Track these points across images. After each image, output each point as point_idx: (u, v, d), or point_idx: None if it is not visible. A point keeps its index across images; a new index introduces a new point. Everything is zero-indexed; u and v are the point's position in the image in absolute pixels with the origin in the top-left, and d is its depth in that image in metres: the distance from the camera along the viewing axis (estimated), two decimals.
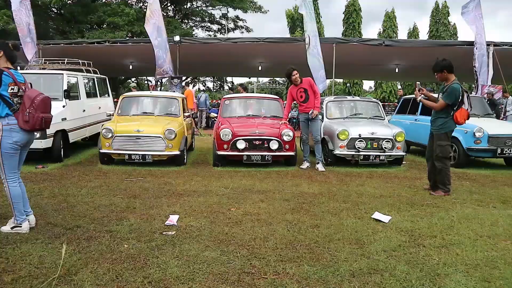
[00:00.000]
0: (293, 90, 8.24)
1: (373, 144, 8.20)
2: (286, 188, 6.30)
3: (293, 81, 8.12)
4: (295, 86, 8.19)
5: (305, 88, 8.09)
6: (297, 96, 8.17)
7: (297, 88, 8.16)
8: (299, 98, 8.17)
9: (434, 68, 6.09)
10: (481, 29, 14.13)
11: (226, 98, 9.16)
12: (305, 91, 8.08)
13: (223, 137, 7.79)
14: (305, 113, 8.18)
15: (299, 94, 8.15)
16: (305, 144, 8.41)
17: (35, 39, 16.25)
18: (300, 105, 8.25)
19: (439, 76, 6.09)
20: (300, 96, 8.14)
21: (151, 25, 15.27)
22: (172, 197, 5.61)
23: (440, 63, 6.02)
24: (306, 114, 8.16)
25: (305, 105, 8.13)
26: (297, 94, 8.16)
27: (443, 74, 6.01)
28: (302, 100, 8.14)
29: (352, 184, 6.69)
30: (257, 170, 7.70)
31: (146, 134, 7.74)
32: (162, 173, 7.28)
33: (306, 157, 8.32)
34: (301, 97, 8.14)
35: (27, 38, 16.15)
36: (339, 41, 15.85)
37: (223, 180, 6.77)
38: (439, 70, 6.02)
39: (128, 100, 8.92)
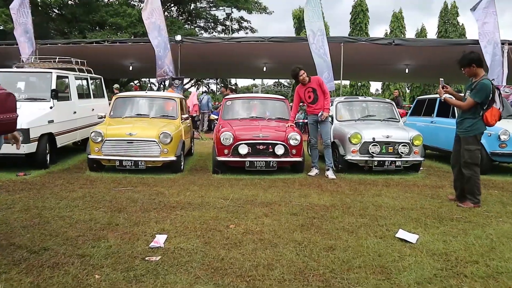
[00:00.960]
0: (301, 90, 7.50)
1: (388, 149, 7.45)
2: (294, 199, 5.56)
3: (300, 81, 7.40)
4: (303, 86, 7.46)
5: (313, 87, 7.36)
6: (305, 96, 7.44)
7: (304, 88, 7.43)
8: (307, 99, 7.44)
9: (460, 62, 5.32)
10: (495, 27, 13.31)
11: (227, 98, 8.44)
12: (314, 91, 7.36)
13: (223, 141, 7.07)
14: (313, 115, 7.45)
15: (307, 94, 7.41)
16: (314, 149, 7.67)
17: (33, 39, 15.68)
18: (308, 106, 7.51)
19: (466, 71, 5.31)
20: (308, 97, 7.41)
21: (151, 24, 14.66)
22: (162, 210, 4.88)
23: (468, 55, 5.24)
24: (315, 116, 7.43)
25: (314, 106, 7.40)
26: (305, 94, 7.43)
27: (471, 68, 5.23)
28: (311, 100, 7.41)
29: (368, 194, 5.94)
30: (261, 178, 6.96)
31: (139, 138, 7.03)
32: (155, 182, 6.56)
33: (315, 163, 7.58)
34: (309, 97, 7.41)
35: (21, 38, 15.59)
36: (347, 40, 15.12)
37: (222, 190, 6.03)
38: (467, 64, 5.24)
39: (121, 101, 8.23)
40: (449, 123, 8.86)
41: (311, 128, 7.66)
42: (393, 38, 15.17)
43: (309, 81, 7.37)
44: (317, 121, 7.44)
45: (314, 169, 7.52)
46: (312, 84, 7.38)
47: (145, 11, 14.48)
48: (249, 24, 30.62)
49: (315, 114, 7.41)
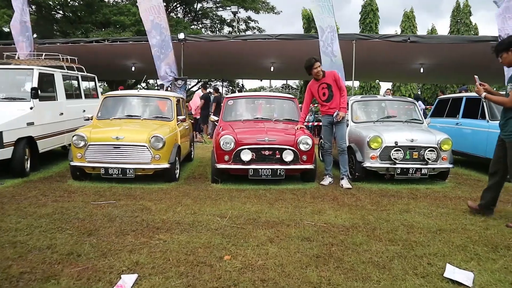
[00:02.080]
0: (314, 86, 6.43)
1: (412, 154, 6.38)
2: (305, 216, 4.53)
3: (314, 74, 6.31)
4: (316, 81, 6.39)
5: (328, 83, 6.31)
6: (319, 93, 6.38)
7: (318, 84, 6.37)
8: (321, 96, 6.38)
9: (497, 47, 4.44)
10: None
11: (229, 97, 7.43)
12: (329, 87, 6.31)
13: (223, 146, 6.07)
14: (328, 116, 6.41)
15: (321, 91, 6.36)
16: (328, 154, 6.65)
17: (32, 38, 14.87)
18: (322, 105, 6.45)
19: (504, 58, 4.39)
20: (323, 94, 6.35)
21: (149, 22, 13.76)
22: (143, 233, 3.88)
23: (507, 39, 4.41)
24: (329, 116, 6.39)
25: (328, 104, 6.35)
26: (319, 91, 6.37)
27: (509, 54, 4.31)
28: (325, 98, 6.37)
29: (393, 210, 4.89)
30: (266, 189, 5.94)
31: (127, 142, 6.05)
32: (143, 194, 5.57)
33: (328, 171, 6.55)
34: (323, 94, 6.35)
35: (19, 37, 14.78)
36: (359, 37, 14.07)
37: (220, 204, 5.02)
38: (505, 48, 4.33)
39: (110, 101, 7.25)
40: (477, 125, 7.79)
41: (325, 130, 6.62)
42: (408, 35, 14.05)
43: (323, 76, 6.32)
44: (332, 122, 6.41)
45: (327, 177, 6.50)
46: (327, 80, 6.32)
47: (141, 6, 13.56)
48: (257, 24, 29.66)
49: (329, 115, 6.37)
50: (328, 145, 6.59)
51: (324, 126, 6.60)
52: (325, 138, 6.64)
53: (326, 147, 6.65)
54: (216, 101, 13.77)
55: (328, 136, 6.59)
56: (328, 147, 6.60)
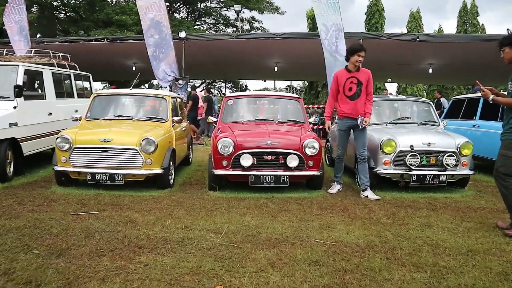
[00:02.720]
0: (342, 76, 5.57)
1: (430, 160, 5.74)
2: (313, 232, 3.90)
3: (353, 62, 5.45)
4: (347, 72, 5.56)
5: (360, 80, 5.50)
6: (345, 86, 5.52)
7: (349, 76, 5.53)
8: (346, 90, 5.53)
9: (502, 41, 4.02)
10: None
11: (229, 97, 6.80)
12: (359, 84, 5.50)
13: (221, 150, 5.45)
14: (349, 119, 5.57)
15: (348, 84, 5.51)
16: (340, 161, 5.92)
17: (29, 37, 14.36)
18: (344, 102, 5.57)
19: (506, 54, 3.99)
20: (349, 89, 5.52)
21: (148, 20, 13.20)
22: (122, 254, 3.26)
23: None
24: (351, 120, 5.55)
25: (351, 103, 5.51)
26: (346, 83, 5.52)
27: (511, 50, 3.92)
28: (350, 94, 5.52)
29: (413, 224, 4.24)
30: (269, 197, 5.32)
31: (116, 145, 5.45)
32: (132, 202, 4.96)
33: (338, 178, 5.92)
34: (349, 89, 5.52)
35: (15, 36, 14.28)
36: (366, 36, 13.43)
37: (216, 216, 4.40)
38: (509, 43, 3.92)
39: (100, 100, 6.65)
40: (497, 127, 7.09)
41: (341, 136, 5.74)
42: (417, 34, 13.39)
43: (357, 70, 5.54)
44: (351, 127, 5.61)
45: (336, 184, 5.87)
46: (360, 75, 5.51)
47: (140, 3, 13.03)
48: (261, 24, 29.04)
49: (350, 118, 5.54)
50: (342, 152, 5.81)
51: (341, 131, 5.68)
52: (340, 144, 5.78)
53: (339, 154, 5.83)
54: (207, 101, 13.06)
55: (344, 142, 5.77)
56: (341, 153, 5.82)
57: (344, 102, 5.59)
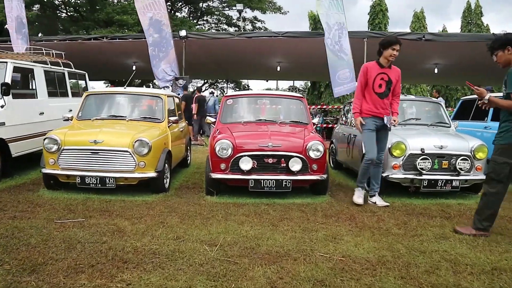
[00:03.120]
0: (373, 70, 4.90)
1: (442, 164, 5.35)
2: (317, 244, 3.52)
3: (387, 56, 4.81)
4: (378, 67, 4.91)
5: (390, 78, 4.92)
6: (375, 82, 4.88)
7: (380, 70, 4.90)
8: (375, 87, 4.88)
9: (493, 44, 3.84)
10: None
11: (228, 96, 6.42)
12: (389, 83, 4.92)
13: (219, 152, 5.07)
14: (376, 118, 4.93)
15: (378, 80, 4.88)
16: (369, 166, 5.00)
17: (28, 34, 14.03)
18: (372, 98, 4.90)
19: (499, 57, 3.80)
20: (379, 85, 4.89)
21: (147, 19, 12.86)
22: (103, 270, 2.88)
23: (504, 36, 3.81)
24: (377, 119, 4.93)
25: (380, 102, 4.90)
26: (376, 78, 4.88)
27: (505, 53, 3.73)
28: (381, 91, 4.89)
29: (427, 235, 3.85)
30: (269, 203, 4.94)
31: (107, 147, 5.08)
32: (123, 208, 4.59)
33: (362, 184, 5.15)
34: (379, 86, 4.89)
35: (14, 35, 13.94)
36: (370, 35, 13.03)
37: (211, 225, 4.02)
38: (501, 46, 3.75)
39: (93, 99, 6.29)
40: None
41: (370, 136, 4.94)
42: (423, 33, 12.98)
43: (389, 66, 4.97)
44: (379, 126, 4.97)
45: (361, 191, 5.12)
46: (391, 73, 4.93)
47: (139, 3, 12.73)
48: (263, 24, 28.63)
49: (377, 117, 4.92)
50: (374, 155, 4.91)
51: (369, 130, 4.93)
52: (369, 146, 4.96)
53: (371, 157, 4.89)
54: (198, 101, 12.60)
55: (373, 143, 4.94)
56: (372, 156, 4.89)
57: (372, 99, 4.91)
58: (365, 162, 4.97)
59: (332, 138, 8.11)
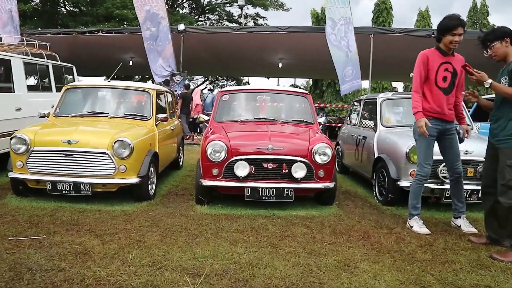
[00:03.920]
0: (435, 59, 3.78)
1: (466, 171, 4.60)
2: (327, 275, 2.78)
3: (447, 44, 3.74)
4: (441, 56, 3.80)
5: (455, 68, 3.80)
6: (438, 74, 3.77)
7: (443, 59, 3.79)
8: (439, 81, 3.78)
9: (487, 36, 3.44)
10: None
11: (224, 91, 5.68)
12: (454, 74, 3.81)
13: (211, 156, 4.33)
14: (438, 121, 3.85)
15: (442, 72, 3.77)
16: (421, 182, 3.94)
17: (19, 28, 13.33)
18: (434, 95, 3.81)
19: (496, 49, 3.39)
20: (443, 78, 3.79)
21: (144, 12, 12.16)
22: None
23: (500, 29, 3.44)
24: (441, 122, 3.86)
25: (445, 99, 3.82)
26: (440, 69, 3.77)
27: (502, 45, 3.37)
28: (445, 86, 3.80)
29: (460, 261, 3.11)
30: (268, 216, 4.20)
31: (82, 148, 4.35)
32: (96, 221, 3.86)
33: (417, 210, 4.00)
34: (443, 79, 3.78)
35: (7, 28, 13.23)
36: (377, 31, 12.29)
37: (198, 246, 3.28)
38: (497, 38, 3.38)
39: (73, 93, 5.55)
40: None
41: (427, 144, 3.87)
42: (432, 29, 12.19)
43: (453, 54, 3.87)
44: (441, 132, 3.90)
45: (416, 219, 3.98)
46: (455, 62, 3.82)
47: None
48: (265, 21, 27.78)
49: (440, 120, 3.85)
50: (429, 169, 3.92)
51: (429, 138, 3.82)
52: (425, 157, 3.88)
53: (426, 172, 3.88)
54: (183, 97, 11.75)
55: (428, 152, 3.89)
56: (428, 172, 3.91)
57: (434, 95, 3.82)
58: (416, 179, 3.95)
59: (338, 139, 7.37)
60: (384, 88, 27.57)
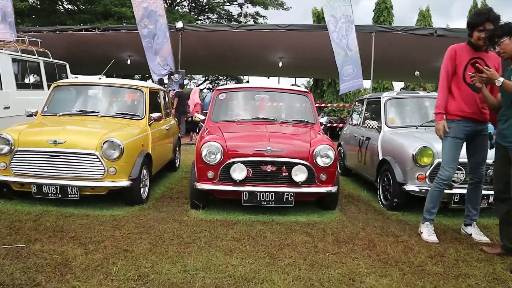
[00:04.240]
0: (464, 54, 3.49)
1: None
2: None
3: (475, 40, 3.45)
4: (472, 50, 3.51)
5: (488, 65, 3.32)
6: (467, 70, 3.45)
7: (473, 55, 3.46)
8: (467, 76, 3.42)
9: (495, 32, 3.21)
10: None
11: (221, 89, 5.41)
12: None
13: (206, 158, 4.07)
14: (468, 121, 3.52)
15: (471, 68, 3.32)
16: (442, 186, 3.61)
17: (14, 25, 13.04)
18: (462, 94, 3.51)
19: (505, 46, 3.15)
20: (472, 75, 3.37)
21: (141, 9, 11.90)
22: None
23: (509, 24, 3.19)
24: (470, 123, 3.53)
25: (475, 99, 3.49)
26: (468, 66, 3.43)
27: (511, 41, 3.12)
28: None
29: (474, 275, 2.85)
30: (267, 222, 3.94)
31: (69, 148, 4.08)
32: (82, 227, 3.59)
33: (431, 216, 3.72)
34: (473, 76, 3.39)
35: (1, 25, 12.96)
36: (379, 29, 12.02)
37: (190, 256, 3.02)
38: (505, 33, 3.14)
39: (62, 91, 5.28)
40: None
41: (454, 146, 3.55)
42: (435, 28, 11.93)
43: (486, 51, 3.53)
44: (470, 134, 3.56)
45: (429, 225, 3.70)
46: (488, 58, 3.49)
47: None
48: (265, 20, 27.47)
49: (470, 120, 3.52)
50: (452, 173, 3.58)
51: (455, 139, 3.52)
52: (448, 161, 3.56)
53: (448, 176, 3.55)
54: (178, 96, 11.44)
55: (454, 158, 3.57)
56: (451, 176, 3.58)
57: (462, 92, 3.50)
58: (438, 182, 3.60)
59: (339, 140, 7.10)
60: (385, 88, 27.31)
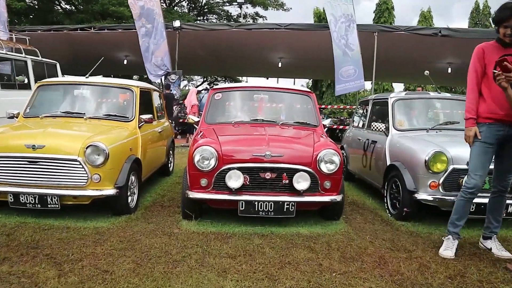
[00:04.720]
0: (492, 52, 3.14)
1: None
2: None
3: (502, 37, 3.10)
4: (501, 47, 3.14)
5: None
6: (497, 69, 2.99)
7: (503, 52, 3.10)
8: None
9: None
10: None
11: (216, 89, 5.02)
12: None
13: (199, 163, 3.69)
14: (500, 125, 3.15)
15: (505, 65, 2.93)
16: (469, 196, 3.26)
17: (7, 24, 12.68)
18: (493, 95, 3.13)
19: None
20: None
21: (138, 8, 11.56)
22: None
23: None
24: (503, 126, 3.15)
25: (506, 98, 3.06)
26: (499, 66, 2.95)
27: None
28: None
29: None
30: (266, 234, 3.56)
31: (49, 154, 3.69)
32: (60, 242, 3.20)
33: (457, 229, 3.35)
34: None
35: None
36: (381, 29, 11.67)
37: (177, 278, 2.64)
38: None
39: (47, 90, 4.91)
40: None
41: (484, 152, 3.19)
42: (439, 28, 11.56)
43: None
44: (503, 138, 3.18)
45: (453, 240, 3.33)
46: None
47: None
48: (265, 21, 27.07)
49: (507, 124, 3.14)
50: (481, 181, 3.20)
51: (485, 144, 3.17)
52: (476, 167, 3.21)
53: (476, 184, 3.18)
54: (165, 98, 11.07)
55: (483, 162, 3.20)
56: (479, 184, 3.20)
57: (493, 93, 3.16)
58: (463, 191, 3.27)
59: (342, 143, 6.73)
60: (385, 89, 26.94)
